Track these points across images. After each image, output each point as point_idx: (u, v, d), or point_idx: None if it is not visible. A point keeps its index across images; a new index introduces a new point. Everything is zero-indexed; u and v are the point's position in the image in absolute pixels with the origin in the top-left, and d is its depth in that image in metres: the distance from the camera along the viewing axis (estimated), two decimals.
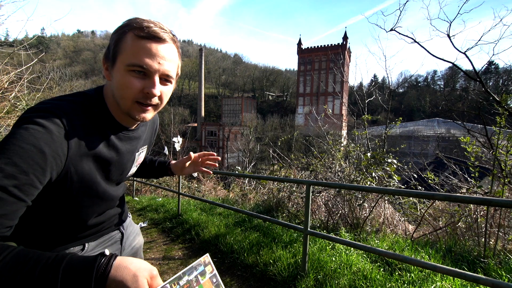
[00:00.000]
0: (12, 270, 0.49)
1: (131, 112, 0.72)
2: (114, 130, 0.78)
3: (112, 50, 0.70)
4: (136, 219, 4.72)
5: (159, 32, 0.68)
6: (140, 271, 0.54)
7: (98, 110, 0.74)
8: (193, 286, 0.60)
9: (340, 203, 3.93)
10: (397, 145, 5.98)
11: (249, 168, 12.68)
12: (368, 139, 5.99)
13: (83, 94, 0.75)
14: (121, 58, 0.68)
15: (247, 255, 2.88)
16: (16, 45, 4.44)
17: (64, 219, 0.78)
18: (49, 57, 48.40)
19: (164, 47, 0.69)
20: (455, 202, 3.69)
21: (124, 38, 0.68)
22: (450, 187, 4.42)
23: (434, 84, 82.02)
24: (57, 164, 0.62)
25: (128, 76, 0.68)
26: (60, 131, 0.62)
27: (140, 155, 0.95)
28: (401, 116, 7.06)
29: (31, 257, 0.51)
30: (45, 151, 0.58)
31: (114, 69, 0.70)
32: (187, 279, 0.60)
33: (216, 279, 0.66)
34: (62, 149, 0.62)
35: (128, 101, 0.70)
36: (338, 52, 49.00)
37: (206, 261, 0.65)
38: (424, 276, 2.24)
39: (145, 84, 0.69)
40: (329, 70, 55.65)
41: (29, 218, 0.74)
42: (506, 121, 3.44)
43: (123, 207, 1.02)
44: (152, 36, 0.67)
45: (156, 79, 0.70)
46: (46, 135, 0.59)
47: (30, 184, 0.56)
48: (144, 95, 0.70)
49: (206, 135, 51.45)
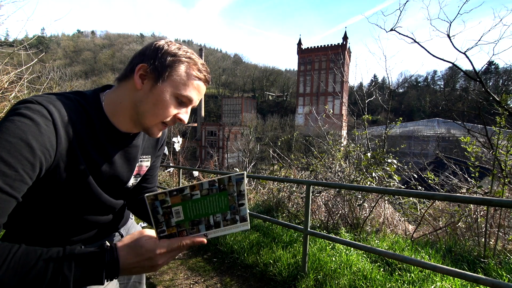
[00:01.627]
0: (26, 266, 0.51)
1: (151, 129, 0.74)
2: (108, 133, 0.74)
3: (163, 68, 0.70)
4: (136, 219, 4.71)
5: (209, 76, 0.76)
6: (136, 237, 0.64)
7: (94, 112, 0.72)
8: (169, 212, 0.64)
9: (340, 203, 3.93)
10: (397, 145, 5.99)
11: (249, 168, 12.67)
12: (368, 139, 5.99)
13: (79, 93, 0.73)
14: (174, 83, 0.70)
15: (247, 255, 2.88)
16: (16, 45, 4.44)
17: (56, 220, 0.75)
18: (49, 57, 48.32)
19: (205, 88, 0.77)
20: (455, 202, 3.69)
21: (180, 66, 0.71)
22: (450, 187, 4.43)
23: (434, 84, 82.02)
24: (46, 158, 0.59)
25: (172, 101, 0.71)
26: (48, 123, 0.59)
27: (141, 164, 0.89)
28: (401, 116, 7.07)
29: (40, 254, 0.54)
30: (33, 145, 0.55)
31: (157, 87, 0.70)
32: (160, 215, 0.64)
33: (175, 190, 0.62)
34: (50, 143, 0.59)
35: (157, 120, 0.72)
36: (338, 52, 48.98)
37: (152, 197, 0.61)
38: (424, 276, 2.24)
39: (180, 111, 0.73)
40: (329, 70, 55.64)
41: (21, 218, 0.73)
42: (506, 121, 3.44)
43: (124, 211, 0.98)
44: (205, 80, 0.75)
45: (190, 109, 0.76)
46: (33, 127, 0.56)
47: (20, 180, 0.55)
48: (174, 120, 0.74)
49: (206, 135, 51.43)
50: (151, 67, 0.69)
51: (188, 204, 0.64)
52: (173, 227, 0.65)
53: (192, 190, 0.63)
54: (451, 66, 14.07)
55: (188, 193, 0.63)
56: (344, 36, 55.08)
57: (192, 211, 0.65)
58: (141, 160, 0.89)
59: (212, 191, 0.64)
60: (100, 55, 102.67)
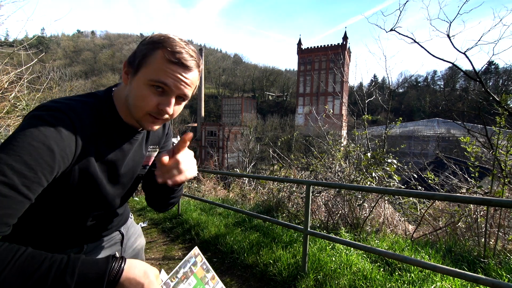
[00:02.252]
0: (29, 270, 0.51)
1: (141, 121, 0.74)
2: (122, 132, 0.78)
3: (138, 60, 0.70)
4: (136, 219, 4.72)
5: (188, 60, 0.69)
6: (149, 269, 0.61)
7: (107, 112, 0.75)
8: (189, 276, 0.72)
9: (340, 203, 3.93)
10: (397, 145, 5.98)
11: (249, 168, 12.67)
12: (368, 139, 5.99)
13: (94, 95, 0.76)
14: (145, 71, 0.68)
15: (247, 255, 2.88)
16: (16, 45, 4.43)
17: (62, 219, 0.77)
18: (49, 57, 48.31)
19: (189, 75, 0.70)
20: (455, 202, 3.68)
21: (154, 54, 0.68)
22: (450, 187, 4.43)
23: (434, 84, 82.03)
24: (64, 163, 0.62)
25: (147, 90, 0.69)
26: (70, 130, 0.63)
27: (149, 155, 0.93)
28: (401, 116, 7.07)
29: (44, 258, 0.54)
30: (54, 150, 0.59)
31: (135, 78, 0.70)
32: (183, 271, 0.71)
33: (206, 266, 0.77)
34: (70, 148, 0.63)
35: (141, 112, 0.71)
36: (338, 52, 49.01)
37: (196, 253, 0.76)
38: (424, 276, 2.24)
39: (161, 101, 0.70)
40: (329, 70, 55.64)
41: (28, 217, 0.74)
42: (506, 121, 3.44)
43: (125, 209, 1.01)
44: (181, 64, 0.68)
45: (172, 99, 0.71)
46: (56, 133, 0.60)
47: (38, 183, 0.57)
48: (158, 111, 0.71)
49: (206, 135, 51.42)
50: (129, 61, 0.72)
51: (199, 287, 0.72)
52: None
53: (212, 279, 0.74)
54: (451, 66, 14.07)
55: (208, 278, 0.73)
56: (344, 36, 55.11)
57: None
58: (149, 151, 0.93)
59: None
60: (100, 55, 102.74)
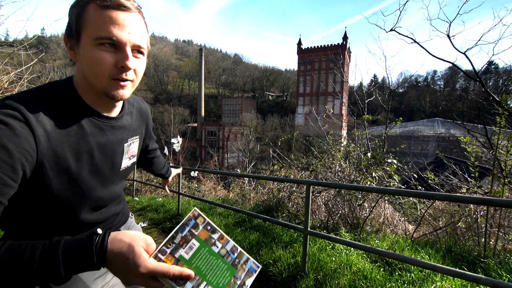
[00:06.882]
0: (11, 261, 0.50)
1: (108, 91, 0.67)
2: (91, 119, 0.72)
3: (75, 26, 0.64)
4: (136, 219, 4.71)
5: (124, 0, 0.63)
6: (135, 240, 0.56)
7: (68, 99, 0.69)
8: (189, 240, 0.61)
9: (340, 203, 3.93)
10: (397, 145, 5.98)
11: (249, 168, 12.67)
12: (368, 139, 5.98)
13: (51, 85, 0.70)
14: (87, 32, 0.62)
15: None
16: (16, 45, 4.43)
17: (52, 220, 0.74)
18: (49, 57, 48.29)
19: (131, 16, 0.64)
20: (455, 202, 3.69)
21: (86, 10, 0.62)
22: (450, 187, 4.42)
23: (434, 84, 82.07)
24: (27, 159, 0.58)
25: (98, 51, 0.63)
26: (22, 125, 0.58)
27: (131, 146, 0.88)
28: (401, 116, 7.07)
29: (25, 247, 0.52)
30: (9, 147, 0.54)
31: (81, 46, 0.64)
32: (181, 236, 0.61)
33: (211, 226, 0.66)
34: (29, 144, 0.58)
35: (102, 78, 0.65)
36: (338, 52, 49.02)
37: (196, 214, 0.65)
38: (424, 276, 2.24)
39: (117, 58, 0.64)
40: (329, 70, 55.63)
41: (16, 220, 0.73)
42: (506, 121, 3.44)
43: (122, 208, 0.98)
44: (117, 5, 0.62)
45: (128, 50, 0.65)
46: (8, 130, 0.55)
47: (2, 183, 0.54)
48: (119, 70, 0.65)
49: (206, 135, 51.43)
50: (66, 34, 0.67)
51: (204, 249, 0.62)
52: (173, 258, 0.59)
53: (219, 239, 0.63)
54: (451, 66, 14.06)
55: (214, 239, 0.63)
56: (344, 36, 55.07)
57: (198, 259, 0.60)
58: (132, 141, 0.88)
59: (227, 257, 0.63)
60: None
